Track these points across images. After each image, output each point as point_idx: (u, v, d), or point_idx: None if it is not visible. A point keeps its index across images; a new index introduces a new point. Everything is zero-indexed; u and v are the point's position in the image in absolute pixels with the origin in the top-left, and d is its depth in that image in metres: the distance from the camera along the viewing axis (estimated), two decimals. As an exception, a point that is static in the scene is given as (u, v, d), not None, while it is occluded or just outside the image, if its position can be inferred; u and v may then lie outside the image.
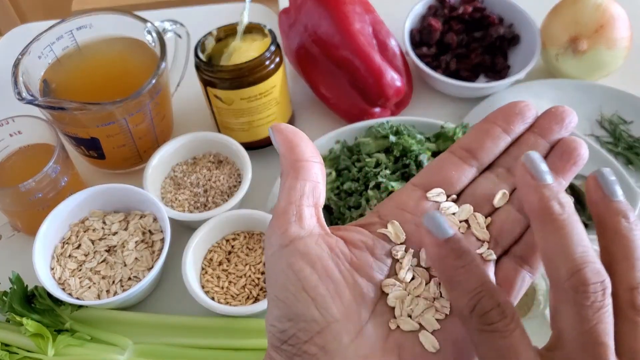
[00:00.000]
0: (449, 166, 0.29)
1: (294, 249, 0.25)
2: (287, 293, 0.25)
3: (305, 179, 0.27)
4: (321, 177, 0.28)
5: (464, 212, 0.28)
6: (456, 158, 0.29)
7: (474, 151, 0.29)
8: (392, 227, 0.28)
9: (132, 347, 0.50)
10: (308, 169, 0.27)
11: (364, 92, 0.62)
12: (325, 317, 0.24)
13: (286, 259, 0.25)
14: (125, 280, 0.52)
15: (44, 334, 0.49)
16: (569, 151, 0.27)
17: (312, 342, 0.24)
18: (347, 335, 0.24)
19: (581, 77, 0.66)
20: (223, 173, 0.60)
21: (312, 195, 0.27)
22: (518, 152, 0.28)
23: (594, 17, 0.63)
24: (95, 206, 0.56)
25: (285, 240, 0.26)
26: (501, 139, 0.29)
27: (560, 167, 0.27)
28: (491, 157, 0.29)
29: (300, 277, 0.25)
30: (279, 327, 0.25)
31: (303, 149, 0.28)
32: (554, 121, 0.28)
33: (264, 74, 0.56)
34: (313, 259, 0.25)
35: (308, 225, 0.26)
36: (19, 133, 0.57)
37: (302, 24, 0.64)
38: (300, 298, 0.24)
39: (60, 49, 0.59)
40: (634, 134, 0.64)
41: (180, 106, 0.68)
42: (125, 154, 0.60)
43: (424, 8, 0.71)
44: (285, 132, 0.28)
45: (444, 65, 0.68)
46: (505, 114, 0.29)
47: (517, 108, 0.29)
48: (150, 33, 0.58)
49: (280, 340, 0.25)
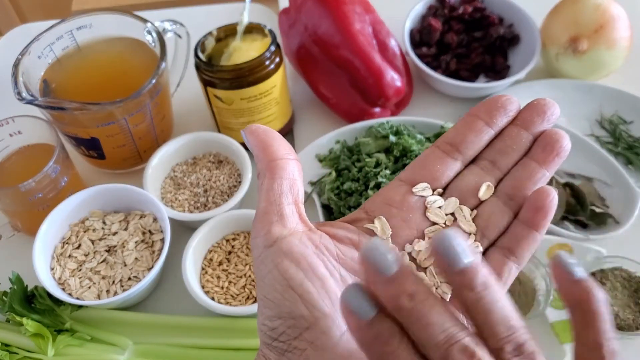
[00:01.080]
0: (434, 160, 0.29)
1: (278, 249, 0.26)
2: (274, 292, 0.25)
3: (281, 177, 0.27)
4: (297, 174, 0.28)
5: (450, 205, 0.28)
6: (441, 152, 0.29)
7: (457, 145, 0.29)
8: (378, 222, 0.28)
9: (132, 347, 0.50)
10: (283, 167, 0.27)
11: (364, 92, 0.62)
12: (313, 314, 0.24)
13: (271, 259, 0.26)
14: (125, 280, 0.52)
15: (44, 334, 0.49)
16: (552, 143, 0.28)
17: (302, 338, 0.25)
18: (336, 330, 0.25)
19: (581, 77, 0.66)
20: (223, 173, 0.60)
21: (291, 193, 0.27)
22: (502, 144, 0.29)
23: (594, 17, 0.63)
24: (95, 206, 0.56)
25: (269, 241, 0.26)
26: (484, 132, 0.29)
27: (543, 158, 0.27)
28: (475, 150, 0.29)
29: (286, 276, 0.25)
30: (269, 325, 0.26)
31: (276, 147, 0.28)
32: (536, 113, 0.28)
33: (264, 74, 0.56)
34: (297, 257, 0.25)
35: (290, 223, 0.27)
36: (19, 133, 0.57)
37: (302, 24, 0.64)
38: (288, 296, 0.25)
39: (60, 49, 0.59)
40: (634, 134, 0.64)
41: (181, 106, 0.68)
42: (125, 154, 0.60)
43: (424, 8, 0.71)
44: (257, 132, 0.28)
45: (444, 65, 0.68)
46: (487, 108, 0.29)
47: (500, 102, 0.29)
48: (150, 33, 0.58)
49: (271, 337, 0.26)
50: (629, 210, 0.56)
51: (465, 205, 0.28)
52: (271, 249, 0.26)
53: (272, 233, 0.26)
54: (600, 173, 0.60)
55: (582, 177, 0.61)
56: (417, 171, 0.29)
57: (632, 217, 0.55)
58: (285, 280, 0.25)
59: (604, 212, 0.57)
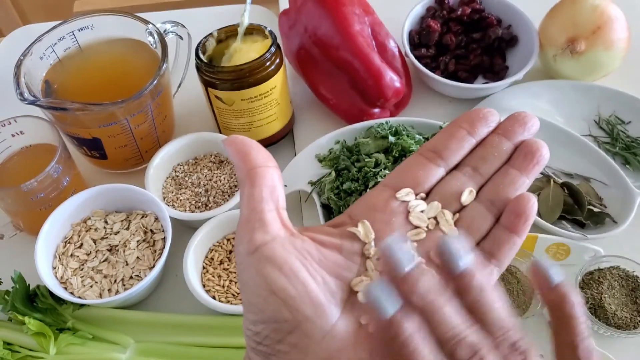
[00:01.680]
0: (417, 167, 0.30)
1: (260, 256, 0.26)
2: (258, 298, 0.26)
3: (261, 185, 0.28)
4: (277, 181, 0.28)
5: (432, 210, 0.29)
6: (423, 159, 0.30)
7: (440, 152, 0.30)
8: (361, 226, 0.28)
9: (133, 345, 0.50)
10: (263, 175, 0.28)
11: (363, 93, 0.63)
12: (295, 317, 0.25)
13: (254, 266, 0.26)
14: (127, 279, 0.52)
15: (45, 332, 0.49)
16: (533, 151, 0.29)
17: (285, 341, 0.25)
18: (319, 333, 0.25)
19: (579, 77, 0.67)
20: (224, 173, 0.60)
21: (272, 200, 0.28)
22: (484, 152, 0.30)
23: (592, 18, 0.63)
24: (97, 206, 0.56)
25: (251, 247, 0.26)
26: (466, 140, 0.30)
27: (524, 166, 0.29)
28: (457, 157, 0.30)
29: (269, 281, 0.25)
30: (253, 329, 0.26)
31: (255, 156, 0.28)
32: (517, 124, 0.30)
33: (264, 75, 0.56)
34: (279, 262, 0.26)
35: (272, 229, 0.27)
36: (21, 133, 0.57)
37: (302, 26, 0.65)
38: (270, 301, 0.25)
39: (62, 50, 0.60)
40: (632, 134, 0.64)
41: (182, 107, 0.68)
42: (126, 154, 0.61)
43: (423, 9, 0.71)
44: (236, 142, 0.29)
45: (443, 66, 0.69)
46: (469, 118, 0.30)
47: (481, 113, 0.30)
48: (152, 34, 0.59)
49: (255, 341, 0.26)
50: (626, 210, 0.57)
51: (447, 209, 0.29)
52: (254, 256, 0.26)
53: (254, 240, 0.26)
54: (598, 173, 0.61)
55: (580, 177, 0.61)
56: (400, 177, 0.30)
57: (630, 216, 0.56)
58: (267, 285, 0.25)
59: (602, 212, 0.57)
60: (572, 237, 0.55)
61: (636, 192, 0.57)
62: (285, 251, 0.26)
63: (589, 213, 0.57)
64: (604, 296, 0.51)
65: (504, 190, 0.28)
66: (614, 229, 0.55)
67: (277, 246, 0.26)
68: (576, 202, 0.58)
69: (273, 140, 0.64)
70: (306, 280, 0.26)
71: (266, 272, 0.25)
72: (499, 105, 0.65)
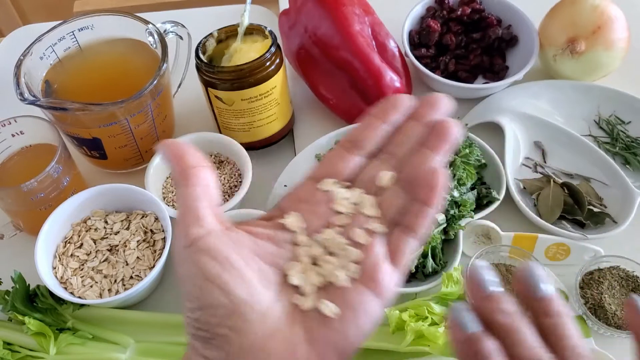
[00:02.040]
0: (336, 158, 0.32)
1: (195, 248, 0.28)
2: (194, 287, 0.27)
3: (195, 184, 0.29)
4: (211, 180, 0.30)
5: (355, 196, 0.30)
6: (342, 150, 0.32)
7: (357, 142, 0.32)
8: (293, 217, 0.30)
9: (133, 345, 0.50)
10: (197, 174, 0.30)
11: (363, 92, 0.63)
12: (231, 301, 0.26)
13: (190, 258, 0.28)
14: (127, 279, 0.52)
15: (46, 332, 0.49)
16: (443, 131, 0.31)
17: (222, 324, 0.26)
18: (255, 315, 0.27)
19: (579, 78, 0.67)
20: (224, 173, 0.60)
21: (205, 198, 0.29)
22: (399, 137, 0.32)
23: (592, 18, 0.63)
24: (97, 206, 0.56)
25: (187, 241, 0.28)
26: (380, 129, 0.32)
27: (435, 145, 0.30)
28: (373, 145, 0.32)
29: (204, 270, 0.27)
30: (191, 317, 0.27)
31: (189, 158, 0.30)
32: (428, 106, 0.32)
33: (264, 75, 0.56)
34: (214, 252, 0.27)
35: (207, 224, 0.28)
36: (21, 133, 0.57)
37: (302, 26, 0.65)
38: (205, 288, 0.27)
39: (62, 50, 0.60)
40: (632, 134, 0.64)
41: (182, 107, 0.68)
42: (127, 154, 0.61)
43: (423, 9, 0.72)
44: (171, 146, 0.31)
45: (443, 66, 0.69)
46: (381, 107, 0.33)
47: (391, 101, 0.33)
48: (152, 34, 0.59)
49: (195, 327, 0.27)
50: (626, 210, 0.57)
51: (369, 194, 0.31)
52: (189, 249, 0.28)
53: (190, 234, 0.28)
54: (598, 173, 0.61)
55: (580, 177, 0.61)
56: (323, 169, 0.32)
57: (630, 216, 0.56)
58: (202, 274, 0.27)
59: (602, 212, 0.57)
60: (572, 237, 0.55)
61: (636, 192, 0.57)
62: (220, 242, 0.28)
63: (589, 213, 0.57)
64: (604, 296, 0.51)
65: (418, 169, 0.30)
66: (614, 229, 0.55)
67: (212, 239, 0.28)
68: (576, 202, 0.58)
69: (273, 140, 0.64)
70: (240, 266, 0.27)
71: (202, 263, 0.27)
72: (499, 105, 0.65)
